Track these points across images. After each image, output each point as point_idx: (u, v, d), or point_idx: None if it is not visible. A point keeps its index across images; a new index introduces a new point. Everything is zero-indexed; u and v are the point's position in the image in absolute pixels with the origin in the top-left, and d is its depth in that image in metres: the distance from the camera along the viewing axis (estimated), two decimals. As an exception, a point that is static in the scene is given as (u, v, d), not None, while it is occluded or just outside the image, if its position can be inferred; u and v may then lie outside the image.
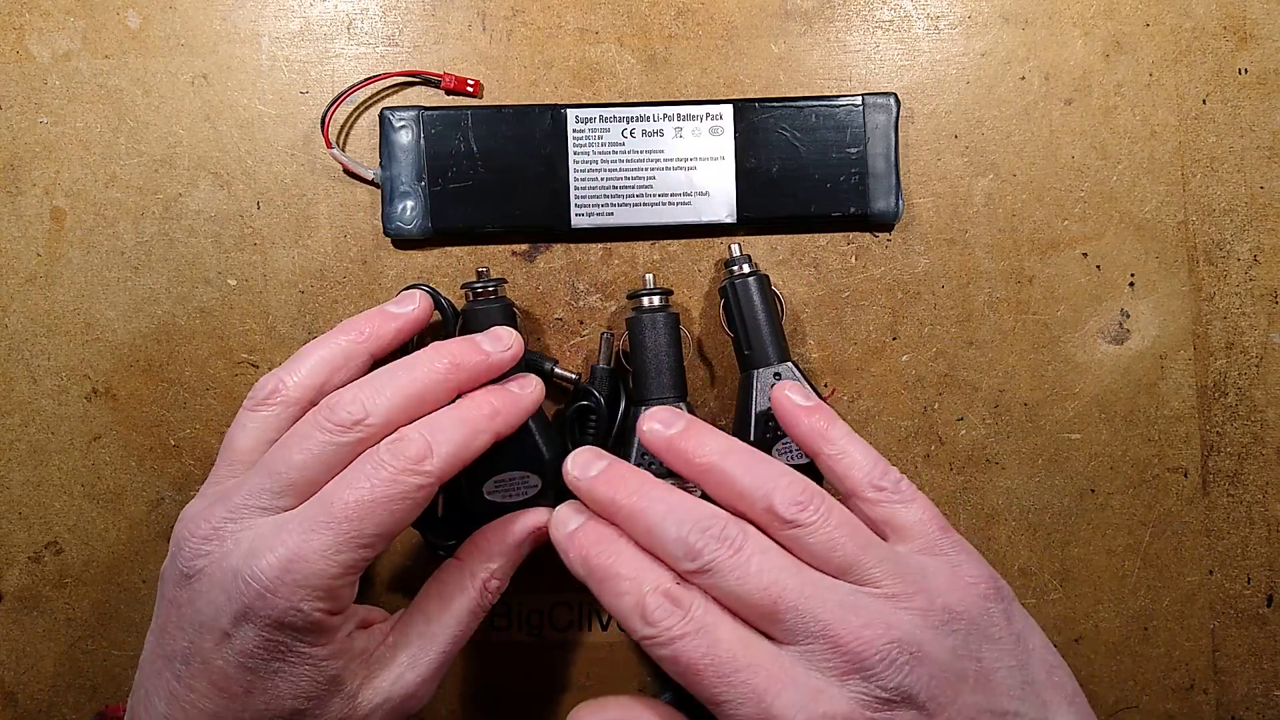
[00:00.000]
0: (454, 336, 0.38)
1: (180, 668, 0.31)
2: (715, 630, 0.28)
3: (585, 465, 0.34)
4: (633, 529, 0.32)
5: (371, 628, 0.34)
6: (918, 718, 0.28)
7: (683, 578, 0.30)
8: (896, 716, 0.27)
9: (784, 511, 0.30)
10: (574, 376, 0.40)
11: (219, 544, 0.31)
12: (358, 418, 0.32)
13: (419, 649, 0.34)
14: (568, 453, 0.38)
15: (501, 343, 0.36)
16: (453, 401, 0.35)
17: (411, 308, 0.37)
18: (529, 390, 0.36)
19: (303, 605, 0.30)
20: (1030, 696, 0.30)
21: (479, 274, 0.39)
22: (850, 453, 0.33)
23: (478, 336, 0.36)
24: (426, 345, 0.35)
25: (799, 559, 0.30)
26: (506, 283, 0.41)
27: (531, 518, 0.36)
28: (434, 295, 0.38)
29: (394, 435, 0.32)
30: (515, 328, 0.38)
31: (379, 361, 0.36)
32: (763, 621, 0.29)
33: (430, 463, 0.32)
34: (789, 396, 0.35)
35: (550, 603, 0.41)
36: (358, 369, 0.35)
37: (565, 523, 0.33)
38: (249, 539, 0.31)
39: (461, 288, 0.39)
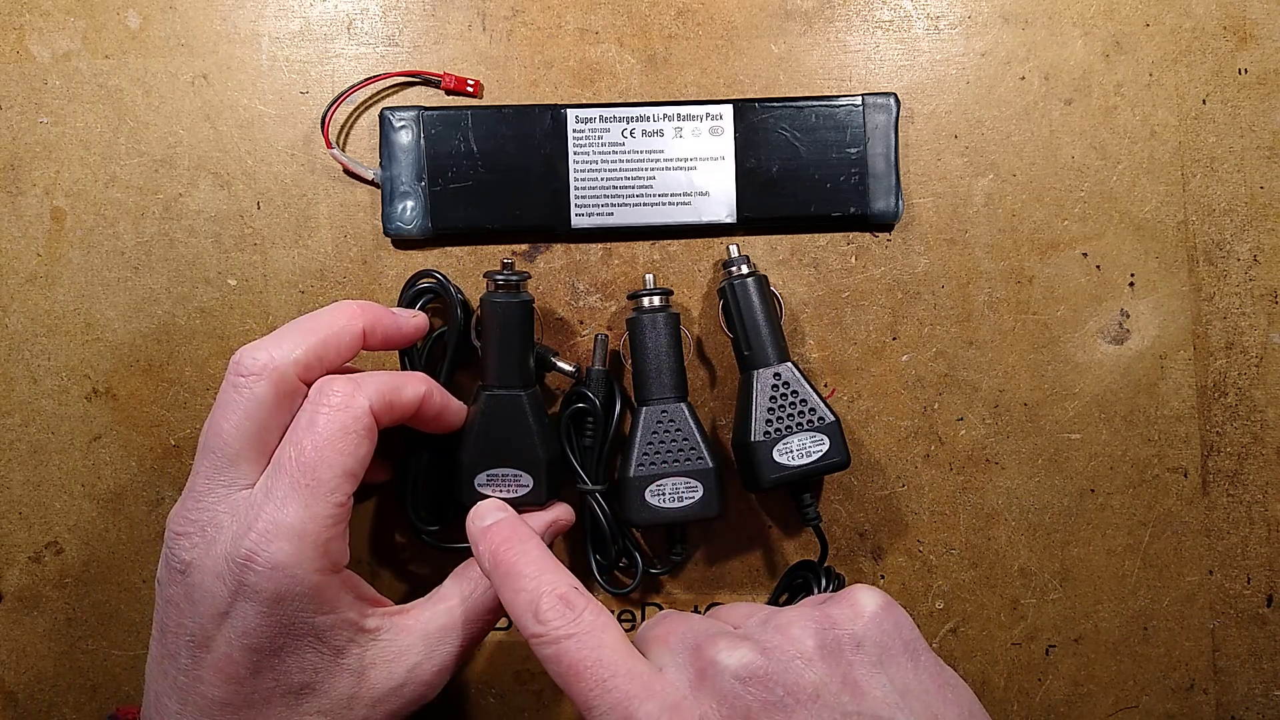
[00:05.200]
0: (465, 332, 0.39)
1: (185, 662, 0.31)
2: (602, 635, 0.29)
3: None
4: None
5: (381, 608, 0.34)
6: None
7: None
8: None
9: None
10: (572, 370, 0.40)
11: (200, 534, 0.31)
12: (263, 363, 0.32)
13: (439, 640, 0.34)
14: (564, 456, 0.39)
15: (411, 314, 0.37)
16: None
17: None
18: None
19: (296, 570, 0.30)
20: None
21: (504, 264, 0.38)
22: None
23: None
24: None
25: None
26: (530, 278, 0.40)
27: (548, 514, 0.37)
28: (443, 283, 0.38)
29: (317, 384, 0.33)
30: (532, 327, 0.38)
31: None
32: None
33: (359, 395, 0.32)
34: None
35: (550, 603, 0.41)
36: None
37: (482, 517, 0.34)
38: (228, 523, 0.31)
39: (484, 275, 0.39)
